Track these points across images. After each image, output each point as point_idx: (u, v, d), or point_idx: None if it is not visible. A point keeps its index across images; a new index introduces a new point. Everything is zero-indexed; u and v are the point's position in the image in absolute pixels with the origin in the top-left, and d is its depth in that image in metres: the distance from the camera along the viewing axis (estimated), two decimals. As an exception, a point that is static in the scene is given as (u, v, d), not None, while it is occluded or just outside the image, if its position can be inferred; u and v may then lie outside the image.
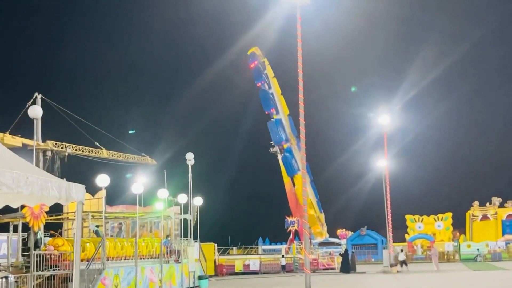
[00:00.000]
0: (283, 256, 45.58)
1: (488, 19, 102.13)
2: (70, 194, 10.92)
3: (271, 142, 66.46)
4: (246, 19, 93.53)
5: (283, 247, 59.05)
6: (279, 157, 66.01)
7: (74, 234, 19.37)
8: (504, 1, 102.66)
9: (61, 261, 17.64)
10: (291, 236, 62.91)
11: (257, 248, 68.59)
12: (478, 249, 57.14)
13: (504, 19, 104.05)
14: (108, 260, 19.71)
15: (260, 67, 65.51)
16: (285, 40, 60.50)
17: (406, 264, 41.98)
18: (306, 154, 25.08)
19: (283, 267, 43.63)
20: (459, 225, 75.62)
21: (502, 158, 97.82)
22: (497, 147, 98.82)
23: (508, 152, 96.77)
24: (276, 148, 66.02)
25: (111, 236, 28.18)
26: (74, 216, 18.70)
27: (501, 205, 71.57)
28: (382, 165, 47.59)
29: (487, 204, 72.98)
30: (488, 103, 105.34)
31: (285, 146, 64.97)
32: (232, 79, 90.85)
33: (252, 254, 59.47)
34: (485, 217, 71.67)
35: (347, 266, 41.75)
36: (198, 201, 30.72)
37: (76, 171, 45.45)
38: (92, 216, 25.12)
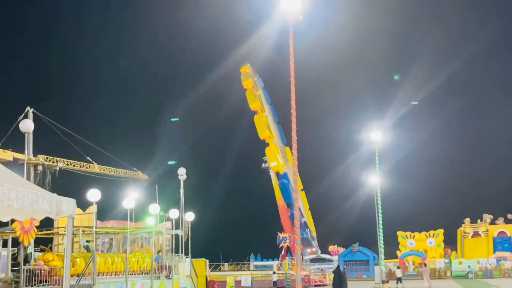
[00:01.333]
0: (274, 273, 45.35)
1: (478, 36, 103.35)
2: (61, 208, 10.85)
3: (263, 158, 66.37)
4: (239, 35, 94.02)
5: (274, 263, 58.79)
6: (271, 173, 65.88)
7: (64, 249, 19.23)
8: (493, 19, 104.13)
9: (51, 276, 17.52)
10: (283, 252, 62.66)
11: (249, 264, 68.26)
12: (469, 266, 57.10)
13: (493, 36, 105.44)
14: (98, 275, 19.59)
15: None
16: (277, 56, 60.86)
17: (401, 281, 41.91)
18: (297, 169, 25.04)
19: (275, 283, 43.38)
20: (450, 242, 75.77)
21: (494, 176, 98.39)
22: (489, 165, 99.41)
23: (500, 170, 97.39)
24: (268, 164, 65.87)
25: (102, 251, 28.00)
26: (65, 231, 18.57)
27: (492, 222, 71.79)
28: (374, 181, 47.55)
29: (478, 221, 73.18)
30: (480, 120, 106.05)
31: (281, 171, 63.60)
32: (224, 94, 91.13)
33: (244, 270, 59.13)
34: (476, 234, 71.83)
35: (339, 283, 41.48)
36: (190, 216, 30.57)
37: (67, 185, 45.21)
38: (83, 231, 24.98)
